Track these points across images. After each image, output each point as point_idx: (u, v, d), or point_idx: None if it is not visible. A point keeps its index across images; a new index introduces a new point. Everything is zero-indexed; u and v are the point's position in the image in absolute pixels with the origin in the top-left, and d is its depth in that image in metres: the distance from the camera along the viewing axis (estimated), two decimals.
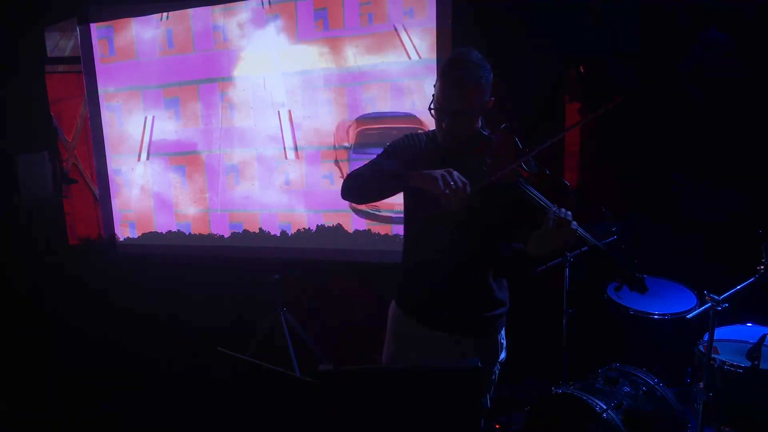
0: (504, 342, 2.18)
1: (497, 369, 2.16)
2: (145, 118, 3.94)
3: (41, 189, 3.92)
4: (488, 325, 2.10)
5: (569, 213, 1.75)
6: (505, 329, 2.20)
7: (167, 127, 3.92)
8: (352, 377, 1.53)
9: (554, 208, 1.77)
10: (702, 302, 2.48)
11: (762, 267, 2.52)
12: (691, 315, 2.59)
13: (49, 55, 4.04)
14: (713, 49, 3.26)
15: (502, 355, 2.16)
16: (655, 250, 3.54)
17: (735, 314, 2.54)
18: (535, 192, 1.83)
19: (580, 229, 1.75)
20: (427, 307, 2.11)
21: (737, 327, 2.81)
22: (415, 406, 1.53)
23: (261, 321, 3.66)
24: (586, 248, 3.00)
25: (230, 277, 4.00)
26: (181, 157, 3.93)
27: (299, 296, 3.94)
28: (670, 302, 2.98)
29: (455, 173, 1.78)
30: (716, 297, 2.38)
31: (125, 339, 4.08)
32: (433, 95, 1.95)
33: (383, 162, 2.04)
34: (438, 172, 1.78)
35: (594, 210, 3.29)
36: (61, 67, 4.07)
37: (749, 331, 2.79)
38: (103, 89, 4.00)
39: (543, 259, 1.90)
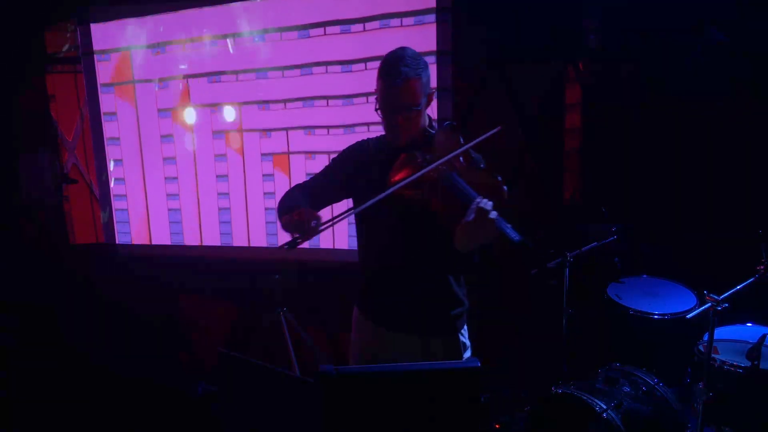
0: (467, 342, 2.17)
1: None
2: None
3: (41, 189, 3.91)
4: (446, 324, 2.10)
5: (489, 203, 1.73)
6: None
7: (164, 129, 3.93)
8: (352, 377, 1.53)
9: (478, 199, 1.75)
10: (702, 302, 2.48)
11: (762, 267, 2.52)
12: (691, 315, 2.60)
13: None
14: (713, 49, 3.26)
15: (466, 355, 2.16)
16: (655, 250, 3.55)
17: (735, 314, 2.54)
18: (464, 184, 1.82)
19: (501, 222, 1.70)
20: (384, 308, 2.13)
21: (737, 327, 2.81)
22: (415, 406, 1.53)
23: (261, 321, 3.66)
24: (586, 248, 3.04)
25: (230, 277, 4.00)
26: (176, 160, 3.93)
27: (299, 296, 3.94)
28: (670, 302, 2.98)
29: (305, 212, 1.88)
30: (716, 297, 2.38)
31: (125, 339, 4.08)
32: (376, 98, 1.98)
33: (307, 185, 2.16)
34: (289, 216, 1.91)
35: (594, 210, 3.30)
36: (60, 67, 4.07)
37: (749, 331, 2.79)
38: (102, 89, 4.01)
39: (470, 255, 1.87)
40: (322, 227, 1.89)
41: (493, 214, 1.70)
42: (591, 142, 3.62)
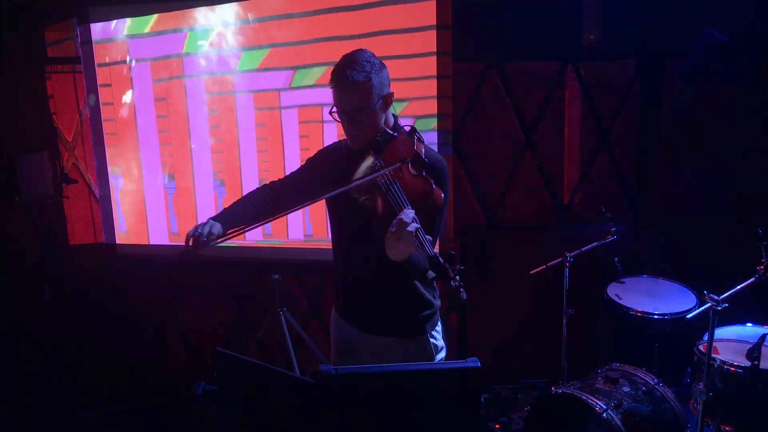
0: (440, 343, 2.17)
1: None
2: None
3: (41, 189, 3.91)
4: (414, 326, 2.11)
5: (411, 215, 1.72)
6: (447, 330, 2.20)
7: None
8: (352, 377, 1.53)
9: (404, 210, 1.75)
10: (702, 302, 2.49)
11: (762, 267, 2.52)
12: (691, 315, 2.60)
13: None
14: (713, 49, 3.27)
15: (439, 356, 2.16)
16: (655, 250, 3.55)
17: (735, 314, 2.54)
18: (401, 194, 1.82)
19: (421, 235, 1.69)
20: (354, 309, 2.17)
21: (737, 327, 2.81)
22: (415, 406, 1.53)
23: (261, 321, 3.66)
24: (586, 248, 3.04)
25: (230, 277, 4.00)
26: (171, 158, 3.92)
27: (299, 296, 3.94)
28: (670, 302, 2.99)
29: (201, 228, 1.96)
30: (716, 297, 2.38)
31: (125, 339, 4.08)
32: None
33: (277, 184, 2.20)
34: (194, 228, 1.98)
35: (594, 210, 3.30)
36: (60, 68, 4.07)
37: (749, 331, 2.79)
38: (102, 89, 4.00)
39: (403, 262, 1.82)
40: (216, 241, 1.97)
41: (412, 227, 1.69)
42: (591, 142, 3.63)
